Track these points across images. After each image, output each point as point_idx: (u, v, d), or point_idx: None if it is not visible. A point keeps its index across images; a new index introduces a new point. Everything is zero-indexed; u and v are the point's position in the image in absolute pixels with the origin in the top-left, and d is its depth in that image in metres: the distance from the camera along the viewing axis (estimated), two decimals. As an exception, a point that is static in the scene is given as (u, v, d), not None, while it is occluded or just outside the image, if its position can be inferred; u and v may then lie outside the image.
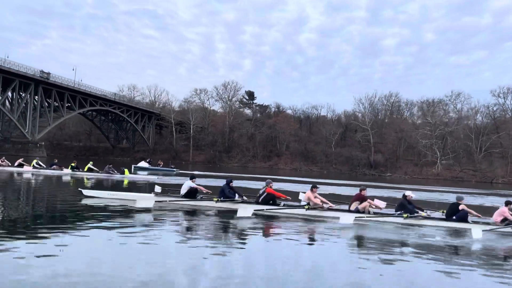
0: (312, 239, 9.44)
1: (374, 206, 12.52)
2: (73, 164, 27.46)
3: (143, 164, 43.00)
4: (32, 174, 25.37)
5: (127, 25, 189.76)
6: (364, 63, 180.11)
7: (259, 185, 18.36)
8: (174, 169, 41.65)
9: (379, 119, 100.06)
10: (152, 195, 13.55)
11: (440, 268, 7.04)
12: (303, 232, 10.15)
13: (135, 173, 32.79)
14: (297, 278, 6.05)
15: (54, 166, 27.79)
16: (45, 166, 28.45)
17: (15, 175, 24.48)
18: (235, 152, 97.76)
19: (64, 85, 77.84)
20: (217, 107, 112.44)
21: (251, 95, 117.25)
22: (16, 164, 27.83)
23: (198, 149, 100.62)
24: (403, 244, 9.19)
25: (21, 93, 71.59)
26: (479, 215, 11.68)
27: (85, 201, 13.21)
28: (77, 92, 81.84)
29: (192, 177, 13.76)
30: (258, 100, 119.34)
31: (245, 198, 13.07)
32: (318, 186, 13.15)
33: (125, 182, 24.01)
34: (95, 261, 6.33)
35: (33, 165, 27.69)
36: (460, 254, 8.56)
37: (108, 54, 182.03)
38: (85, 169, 27.24)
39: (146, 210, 11.62)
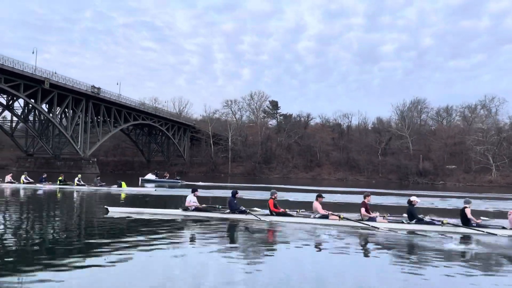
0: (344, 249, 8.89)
1: (367, 216, 11.98)
2: (60, 178, 27.57)
3: (150, 176, 44.13)
4: (24, 189, 24.98)
5: (126, 38, 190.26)
6: (363, 69, 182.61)
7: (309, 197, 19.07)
8: (179, 181, 42.55)
9: (417, 125, 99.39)
10: (180, 210, 13.57)
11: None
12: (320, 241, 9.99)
13: (142, 186, 33.10)
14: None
15: (44, 181, 27.57)
16: (33, 181, 28.09)
17: (8, 191, 23.34)
18: (275, 163, 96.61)
19: (112, 100, 77.02)
20: (244, 117, 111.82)
21: (275, 105, 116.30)
22: (6, 180, 27.49)
23: (234, 161, 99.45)
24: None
25: (74, 109, 70.59)
26: (478, 220, 11.54)
27: (113, 218, 12.83)
28: (123, 106, 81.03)
29: (194, 190, 13.86)
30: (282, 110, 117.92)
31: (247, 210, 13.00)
32: (323, 195, 12.98)
33: (123, 195, 23.39)
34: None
35: (23, 181, 27.51)
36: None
37: (108, 67, 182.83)
38: (74, 183, 27.19)
39: (179, 225, 11.71)
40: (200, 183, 40.68)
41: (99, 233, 10.56)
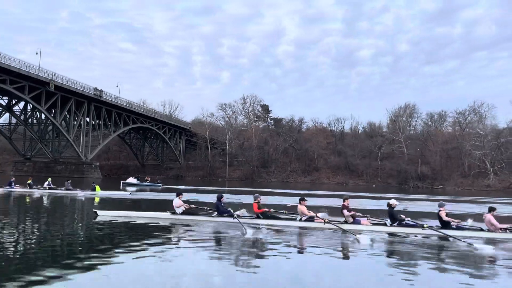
0: (328, 252, 9.19)
1: (350, 217, 12.48)
2: (29, 181, 27.21)
3: (131, 180, 44.93)
4: None
5: (102, 39, 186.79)
6: (341, 74, 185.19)
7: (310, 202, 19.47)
8: (160, 185, 42.89)
9: (410, 130, 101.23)
10: (168, 213, 13.70)
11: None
12: (304, 244, 10.40)
13: (123, 189, 33.10)
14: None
15: (12, 185, 26.89)
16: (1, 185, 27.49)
17: None
18: (274, 167, 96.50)
19: (114, 103, 75.38)
20: (237, 121, 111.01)
21: (266, 108, 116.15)
22: None
23: (231, 165, 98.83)
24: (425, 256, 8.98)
25: (76, 112, 68.70)
26: (459, 220, 11.98)
27: (103, 222, 12.99)
28: (123, 109, 79.41)
29: (178, 194, 13.98)
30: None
31: (237, 213, 13.13)
32: (306, 199, 13.36)
33: (97, 199, 23.31)
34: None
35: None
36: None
37: (83, 68, 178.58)
38: (44, 186, 26.90)
39: (168, 229, 11.85)
40: (181, 187, 41.13)
41: (88, 237, 10.48)
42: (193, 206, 14.30)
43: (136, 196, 26.64)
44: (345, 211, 12.49)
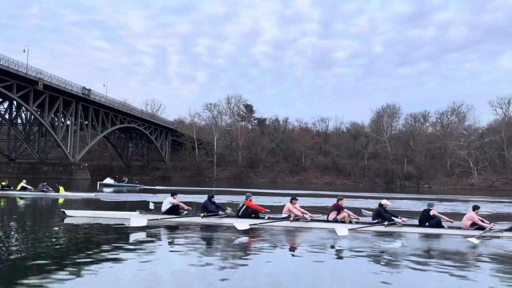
0: (303, 250, 9.50)
1: (353, 216, 12.90)
2: (3, 183, 26.13)
3: (108, 180, 44.42)
4: None
5: (75, 37, 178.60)
6: (317, 75, 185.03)
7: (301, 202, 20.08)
8: (138, 185, 42.78)
9: (394, 129, 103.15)
10: (137, 213, 13.34)
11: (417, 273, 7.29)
12: (292, 243, 10.59)
13: (100, 190, 33.03)
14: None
15: None
16: None
17: None
18: (261, 168, 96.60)
19: (102, 102, 73.72)
20: (222, 121, 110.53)
21: (249, 108, 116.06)
22: None
23: (219, 166, 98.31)
24: (385, 251, 9.42)
25: (64, 112, 66.84)
26: (451, 220, 12.50)
27: (70, 222, 12.73)
28: (110, 109, 77.77)
29: (173, 194, 13.86)
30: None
31: (228, 211, 13.14)
32: (297, 198, 13.64)
33: (61, 200, 22.85)
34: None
35: None
36: (436, 258, 8.75)
37: (56, 67, 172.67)
38: (18, 188, 25.98)
39: (140, 229, 11.30)
40: (158, 187, 41.38)
41: (56, 239, 10.03)
42: (190, 207, 13.96)
43: (103, 197, 25.66)
44: (333, 212, 12.74)
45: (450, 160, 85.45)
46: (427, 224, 12.20)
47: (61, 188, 25.82)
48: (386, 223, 12.06)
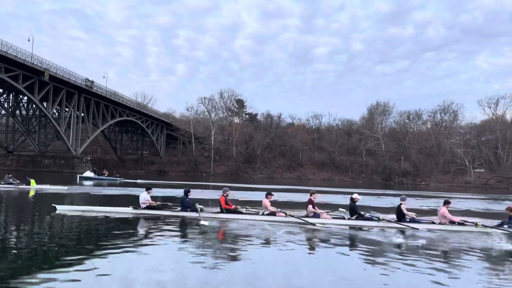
0: (281, 244, 9.43)
1: (315, 212, 13.01)
2: None
3: (88, 173, 44.51)
4: None
5: (51, 25, 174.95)
6: (297, 70, 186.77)
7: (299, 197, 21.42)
8: (118, 179, 42.73)
9: (388, 127, 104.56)
10: (130, 208, 13.57)
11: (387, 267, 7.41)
12: (268, 238, 10.50)
13: (80, 184, 33.25)
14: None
15: None
16: None
17: None
18: (259, 163, 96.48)
19: (103, 95, 72.00)
20: (214, 116, 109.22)
21: (241, 103, 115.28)
22: None
23: (215, 161, 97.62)
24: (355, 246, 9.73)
25: (66, 104, 64.95)
26: (413, 214, 12.87)
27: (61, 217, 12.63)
28: (111, 101, 76.04)
29: (148, 189, 13.84)
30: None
31: (200, 206, 13.17)
32: (272, 193, 13.98)
33: (31, 193, 22.32)
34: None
35: None
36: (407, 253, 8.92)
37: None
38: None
39: (131, 224, 11.80)
40: (139, 181, 41.04)
41: (48, 234, 9.96)
42: (158, 203, 14.01)
43: (74, 191, 24.64)
44: (310, 207, 12.79)
45: (443, 158, 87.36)
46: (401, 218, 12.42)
47: (32, 181, 25.23)
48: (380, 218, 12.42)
